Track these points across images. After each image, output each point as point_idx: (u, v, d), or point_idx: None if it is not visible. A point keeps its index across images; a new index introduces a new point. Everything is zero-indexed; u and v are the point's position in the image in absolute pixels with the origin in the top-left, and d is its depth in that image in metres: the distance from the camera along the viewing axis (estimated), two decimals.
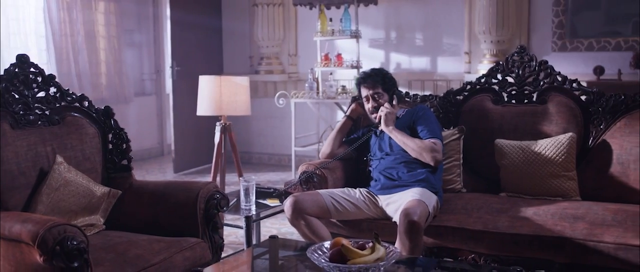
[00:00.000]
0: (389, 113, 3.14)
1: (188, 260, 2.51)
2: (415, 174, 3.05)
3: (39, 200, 2.54)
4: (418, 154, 3.06)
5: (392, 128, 3.13)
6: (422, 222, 2.68)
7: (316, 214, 2.95)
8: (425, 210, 2.76)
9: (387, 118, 3.13)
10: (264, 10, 6.61)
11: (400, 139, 3.10)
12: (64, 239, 2.05)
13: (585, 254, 2.65)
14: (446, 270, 2.51)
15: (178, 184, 2.85)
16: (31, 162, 2.59)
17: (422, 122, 3.15)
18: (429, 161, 3.04)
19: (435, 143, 3.07)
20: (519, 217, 2.85)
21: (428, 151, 3.04)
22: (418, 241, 2.66)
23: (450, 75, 5.94)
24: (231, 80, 3.63)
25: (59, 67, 6.02)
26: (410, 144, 3.07)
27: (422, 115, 3.19)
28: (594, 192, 3.11)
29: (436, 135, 3.12)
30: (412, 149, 3.07)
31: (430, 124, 3.15)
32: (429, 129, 3.12)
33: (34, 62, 2.73)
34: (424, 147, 3.05)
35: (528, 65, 3.36)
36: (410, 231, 2.63)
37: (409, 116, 3.22)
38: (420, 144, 3.06)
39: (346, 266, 2.02)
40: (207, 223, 2.69)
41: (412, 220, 2.64)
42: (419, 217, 2.66)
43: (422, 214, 2.70)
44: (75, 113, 2.86)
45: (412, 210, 2.69)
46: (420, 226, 2.66)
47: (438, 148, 3.07)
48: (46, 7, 5.88)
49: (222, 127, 3.76)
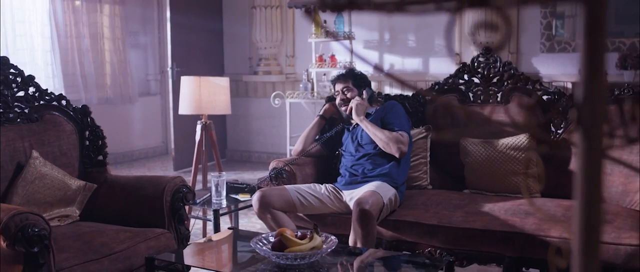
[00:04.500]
0: (358, 104, 3.31)
1: (152, 249, 2.67)
2: (379, 169, 3.19)
3: (15, 192, 2.73)
4: (385, 143, 3.19)
5: (362, 118, 3.28)
6: (373, 211, 2.81)
7: (282, 208, 3.09)
8: (379, 201, 2.90)
9: (358, 108, 3.29)
10: (262, 12, 6.78)
11: (370, 129, 3.24)
12: (26, 226, 2.23)
13: (533, 247, 2.76)
14: (400, 262, 2.64)
15: (148, 178, 3.02)
16: (9, 156, 2.78)
17: (391, 116, 3.30)
18: (395, 152, 3.18)
19: (402, 135, 3.22)
20: (474, 212, 2.97)
21: (394, 141, 3.18)
22: (370, 229, 2.79)
23: (442, 76, 6.01)
24: (210, 81, 3.80)
25: (65, 68, 6.26)
26: (379, 134, 3.21)
27: (390, 110, 3.34)
28: (553, 190, 3.21)
29: (403, 128, 3.26)
30: (380, 138, 3.20)
31: (398, 118, 3.30)
32: (397, 122, 3.27)
33: (14, 64, 2.91)
34: (391, 137, 3.19)
35: (493, 66, 3.47)
36: (362, 219, 2.78)
37: (380, 111, 3.37)
38: (389, 135, 3.20)
39: (283, 254, 2.17)
40: (173, 215, 2.85)
41: (364, 208, 2.79)
42: (371, 206, 2.81)
43: (374, 204, 2.84)
44: (54, 111, 3.04)
45: (364, 199, 2.85)
46: (372, 214, 2.80)
47: (404, 140, 3.21)
48: (52, 9, 6.11)
49: (202, 126, 3.91)
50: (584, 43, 0.67)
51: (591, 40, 0.66)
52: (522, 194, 3.17)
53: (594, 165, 0.68)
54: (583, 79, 0.68)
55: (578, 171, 0.69)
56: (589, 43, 0.66)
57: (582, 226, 0.69)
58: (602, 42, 0.66)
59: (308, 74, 6.14)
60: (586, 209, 0.69)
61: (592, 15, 0.66)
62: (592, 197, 0.69)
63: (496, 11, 0.66)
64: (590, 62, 0.67)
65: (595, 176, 0.68)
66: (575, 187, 0.70)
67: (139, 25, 7.46)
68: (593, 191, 0.68)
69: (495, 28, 5.42)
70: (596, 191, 0.68)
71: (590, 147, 0.68)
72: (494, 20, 5.56)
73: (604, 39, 0.66)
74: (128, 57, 7.04)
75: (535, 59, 5.69)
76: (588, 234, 0.69)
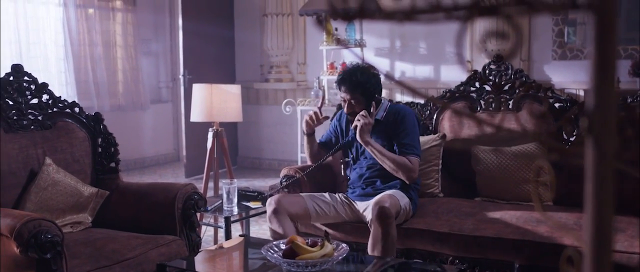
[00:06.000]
0: (364, 125, 3.00)
1: (163, 256, 2.68)
2: (391, 184, 3.10)
3: (28, 198, 2.75)
4: (393, 170, 3.03)
5: (367, 141, 3.03)
6: (392, 209, 2.82)
7: (297, 215, 3.05)
8: (397, 202, 2.90)
9: (363, 130, 3.01)
10: (273, 20, 6.81)
11: (377, 154, 3.04)
12: (39, 233, 2.24)
13: (545, 256, 2.74)
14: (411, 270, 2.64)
15: (159, 185, 3.03)
16: (22, 163, 2.81)
17: (402, 133, 3.07)
18: (404, 179, 3.05)
19: (412, 161, 3.03)
20: (485, 220, 2.96)
21: (404, 170, 3.01)
22: (389, 229, 2.78)
23: (453, 84, 6.01)
24: (222, 88, 3.82)
25: (77, 76, 6.31)
26: (387, 161, 3.02)
27: (402, 121, 3.08)
28: (565, 198, 3.19)
29: (415, 150, 3.06)
30: (388, 165, 3.03)
31: (409, 135, 3.07)
32: (408, 143, 3.06)
33: (28, 72, 2.94)
34: (400, 165, 3.01)
35: (504, 74, 3.46)
36: (381, 217, 2.78)
37: (390, 120, 3.12)
38: (397, 161, 3.02)
39: (294, 261, 2.17)
40: (185, 222, 2.86)
41: (383, 206, 2.79)
42: (390, 205, 2.81)
43: (392, 204, 2.85)
44: (67, 119, 3.07)
45: (382, 199, 2.86)
46: (391, 212, 2.79)
47: (414, 167, 3.04)
48: (65, 18, 6.17)
49: (214, 133, 3.93)
50: (595, 51, 0.67)
51: (602, 48, 0.66)
52: (533, 202, 3.15)
53: (605, 173, 0.68)
54: (593, 86, 0.68)
55: (589, 179, 0.69)
56: (599, 51, 0.66)
57: (594, 234, 0.69)
58: (613, 49, 0.66)
59: (319, 81, 6.15)
60: (597, 218, 0.69)
61: (603, 23, 0.66)
62: (603, 205, 0.68)
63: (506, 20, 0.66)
64: (601, 69, 0.67)
65: (606, 183, 0.68)
66: (586, 195, 0.70)
67: (151, 33, 7.51)
68: (604, 199, 0.68)
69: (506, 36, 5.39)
70: (607, 199, 0.68)
71: (601, 155, 0.68)
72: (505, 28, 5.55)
73: (614, 46, 0.66)
74: (140, 65, 7.08)
75: (547, 67, 5.67)
76: (599, 243, 0.69)
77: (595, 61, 0.67)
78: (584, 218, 0.70)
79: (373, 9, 0.67)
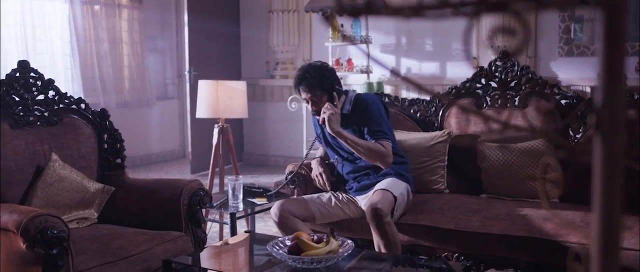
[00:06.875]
0: (332, 114, 2.96)
1: (169, 252, 2.68)
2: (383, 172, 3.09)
3: (34, 194, 2.76)
4: (368, 158, 3.01)
5: (338, 131, 2.98)
6: (384, 208, 2.79)
7: (302, 218, 3.04)
8: (388, 197, 2.88)
9: (331, 120, 2.96)
10: (279, 16, 6.81)
11: (349, 142, 3.00)
12: (45, 228, 2.25)
13: (551, 253, 2.73)
14: (416, 266, 2.64)
15: (165, 182, 3.04)
16: (28, 159, 2.82)
17: (369, 121, 3.02)
18: (381, 165, 3.02)
19: (385, 146, 3.00)
20: (491, 217, 2.95)
21: (378, 155, 2.99)
22: (386, 228, 2.77)
23: (459, 80, 5.99)
24: (227, 85, 3.82)
25: (84, 72, 6.33)
26: (360, 149, 2.99)
27: (367, 111, 3.03)
28: (572, 196, 3.18)
29: (385, 136, 3.02)
30: (362, 153, 3.00)
31: (376, 123, 3.02)
32: (376, 129, 3.01)
33: (34, 68, 2.95)
34: (373, 151, 2.98)
35: (511, 70, 3.45)
36: (375, 218, 2.77)
37: (357, 110, 3.06)
38: (371, 148, 2.98)
39: (299, 257, 2.17)
40: (190, 218, 2.86)
41: (375, 208, 2.78)
42: (381, 205, 2.79)
43: (383, 201, 2.82)
44: (73, 115, 3.07)
45: (373, 200, 2.84)
46: (383, 212, 2.78)
47: (388, 151, 3.00)
48: (71, 14, 6.19)
49: (219, 129, 3.94)
50: (603, 47, 0.66)
51: (610, 44, 0.66)
52: (540, 200, 3.14)
53: (612, 170, 0.67)
54: (602, 83, 0.67)
55: (597, 176, 0.69)
56: (607, 47, 0.66)
57: (601, 231, 0.68)
58: (622, 46, 0.66)
59: None
60: (605, 215, 0.68)
61: (611, 19, 0.65)
62: (611, 202, 0.68)
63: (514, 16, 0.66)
64: (609, 66, 0.66)
65: (614, 181, 0.67)
66: (594, 192, 0.69)
67: (157, 30, 7.52)
68: (612, 196, 0.68)
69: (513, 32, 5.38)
70: (615, 197, 0.68)
71: (609, 152, 0.67)
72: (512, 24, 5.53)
73: (623, 42, 0.66)
74: (146, 61, 7.10)
75: (553, 63, 5.65)
76: (607, 240, 0.69)
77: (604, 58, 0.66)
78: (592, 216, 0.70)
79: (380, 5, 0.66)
